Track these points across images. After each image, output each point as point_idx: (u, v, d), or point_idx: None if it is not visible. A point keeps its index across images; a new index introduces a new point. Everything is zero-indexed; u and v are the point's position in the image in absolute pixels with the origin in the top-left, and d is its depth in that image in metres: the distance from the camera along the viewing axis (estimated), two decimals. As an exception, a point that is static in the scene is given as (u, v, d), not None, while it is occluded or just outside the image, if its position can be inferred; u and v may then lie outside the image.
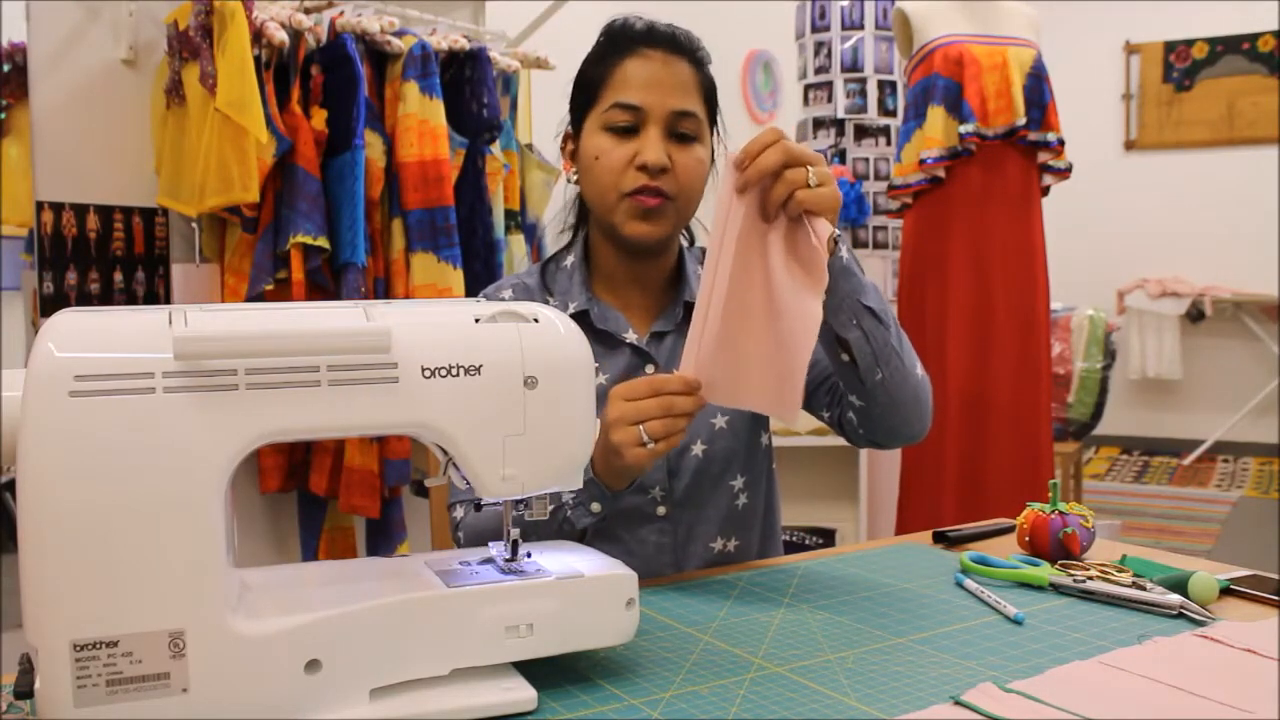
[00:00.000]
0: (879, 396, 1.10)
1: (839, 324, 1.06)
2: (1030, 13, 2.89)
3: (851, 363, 1.08)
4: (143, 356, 0.67)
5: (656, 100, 1.17)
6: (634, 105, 1.17)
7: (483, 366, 0.76)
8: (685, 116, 1.18)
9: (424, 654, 0.75)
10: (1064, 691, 0.77)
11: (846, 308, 1.05)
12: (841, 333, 1.06)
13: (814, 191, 0.97)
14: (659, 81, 1.17)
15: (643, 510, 1.22)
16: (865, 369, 1.08)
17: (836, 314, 1.05)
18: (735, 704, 0.77)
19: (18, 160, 2.09)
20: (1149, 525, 4.39)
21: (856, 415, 1.15)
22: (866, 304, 1.06)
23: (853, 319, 1.05)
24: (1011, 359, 2.75)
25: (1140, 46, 6.10)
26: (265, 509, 2.35)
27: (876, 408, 1.12)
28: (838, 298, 1.05)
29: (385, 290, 2.28)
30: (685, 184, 1.18)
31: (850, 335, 1.06)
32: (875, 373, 1.08)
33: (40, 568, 0.65)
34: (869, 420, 1.14)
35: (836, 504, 3.26)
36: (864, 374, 1.08)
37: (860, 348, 1.07)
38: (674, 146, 1.17)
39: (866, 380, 1.09)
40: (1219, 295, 5.71)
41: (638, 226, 1.18)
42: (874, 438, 1.17)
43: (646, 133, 1.17)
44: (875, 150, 3.53)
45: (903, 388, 1.10)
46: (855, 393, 1.12)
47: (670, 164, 1.16)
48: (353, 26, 2.21)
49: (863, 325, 1.06)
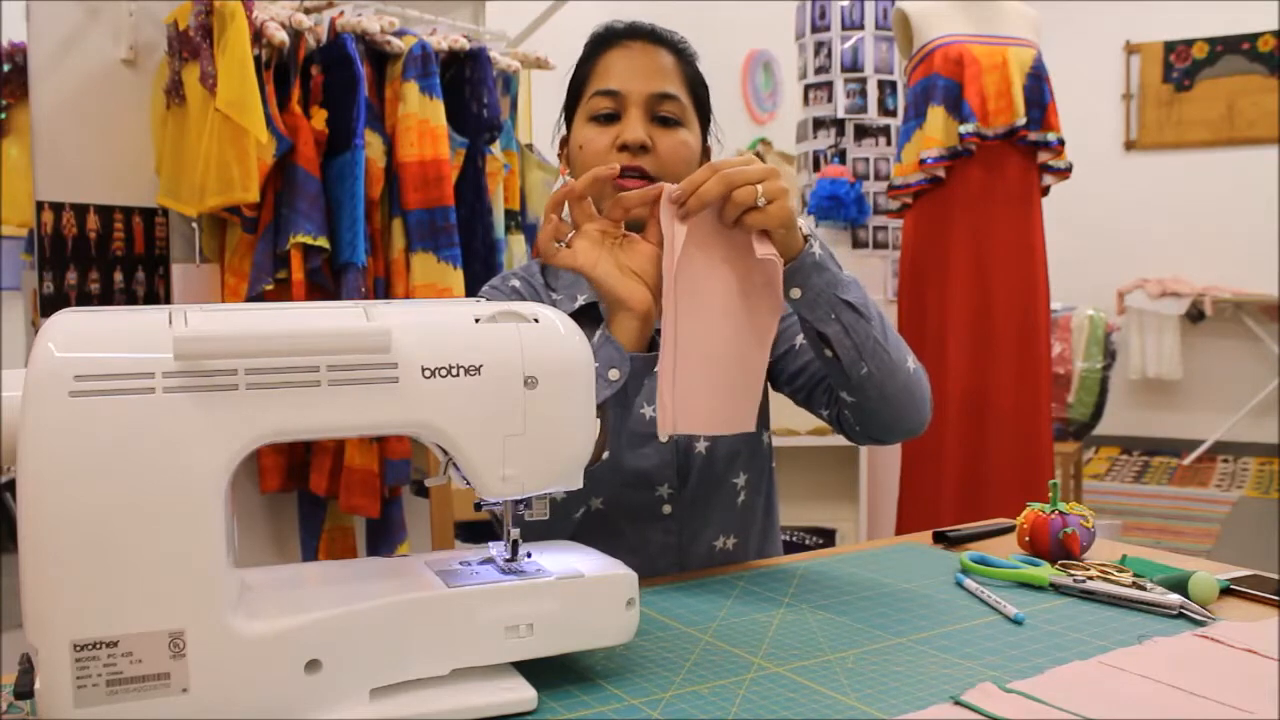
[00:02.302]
0: (868, 391, 1.09)
1: (816, 319, 1.05)
2: (1030, 13, 2.89)
3: (835, 358, 1.08)
4: (143, 356, 0.67)
5: (636, 85, 1.18)
6: (613, 90, 1.18)
7: (483, 366, 0.76)
8: (666, 99, 1.18)
9: (424, 654, 0.75)
10: (1064, 691, 0.77)
11: (823, 302, 1.04)
12: (820, 327, 1.06)
13: (763, 211, 0.97)
14: (638, 67, 1.19)
15: (649, 508, 1.22)
16: (849, 364, 1.07)
17: (813, 309, 1.05)
18: (735, 704, 0.77)
19: (18, 160, 2.09)
20: (1149, 525, 4.39)
21: (850, 412, 1.15)
22: (844, 298, 1.05)
23: (830, 313, 1.05)
24: (1011, 359, 2.75)
25: (1140, 46, 6.10)
26: (265, 509, 2.35)
27: (867, 403, 1.11)
28: (813, 292, 1.04)
29: (385, 290, 2.28)
30: (669, 164, 1.18)
31: (829, 330, 1.05)
32: (860, 367, 1.07)
33: (40, 568, 0.65)
34: (862, 416, 1.14)
35: (836, 504, 3.27)
36: (848, 369, 1.08)
37: (840, 342, 1.06)
38: (657, 129, 1.18)
39: (852, 375, 1.08)
40: (1219, 295, 5.71)
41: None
42: (871, 433, 1.16)
43: (628, 115, 1.18)
44: (875, 150, 3.53)
45: (891, 381, 1.09)
46: (843, 389, 1.11)
47: (652, 145, 1.17)
48: (353, 26, 2.21)
49: (841, 319, 1.05)
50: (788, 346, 1.24)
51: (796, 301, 1.04)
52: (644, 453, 1.21)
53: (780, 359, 1.25)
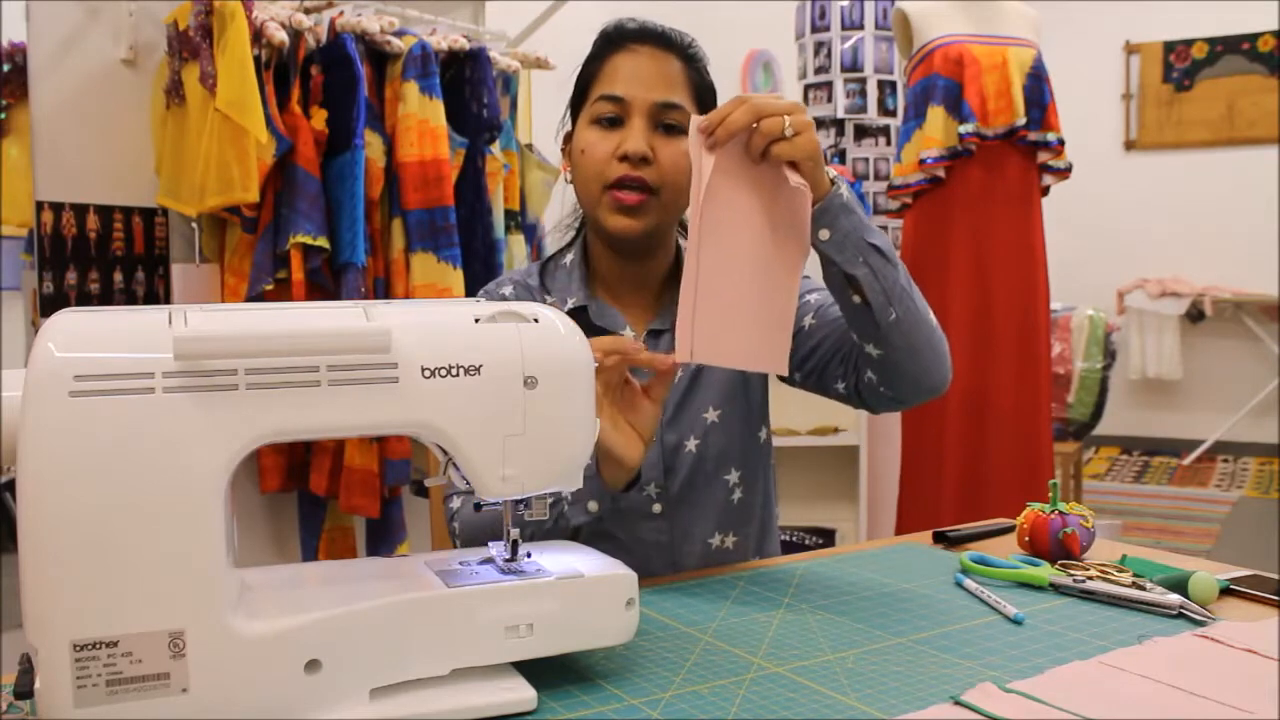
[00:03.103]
0: (895, 340, 1.08)
1: (845, 260, 1.04)
2: (1030, 13, 2.89)
3: (864, 304, 1.07)
4: (143, 356, 0.67)
5: (641, 92, 1.18)
6: (618, 96, 1.18)
7: (483, 366, 0.76)
8: (670, 108, 1.18)
9: (424, 654, 0.75)
10: (1064, 691, 0.77)
11: (851, 244, 1.04)
12: (848, 269, 1.04)
13: (790, 142, 0.98)
14: (645, 74, 1.18)
15: (638, 508, 1.22)
16: (878, 308, 1.06)
17: (841, 249, 1.04)
18: (735, 704, 0.77)
19: (18, 160, 2.09)
20: (1149, 525, 4.39)
21: (875, 371, 1.12)
22: (871, 241, 1.05)
23: (858, 255, 1.04)
24: (1011, 359, 2.75)
25: (1140, 46, 6.10)
26: (265, 509, 2.35)
27: (894, 353, 1.09)
28: (840, 233, 1.04)
29: (385, 290, 2.28)
30: (670, 175, 1.17)
31: (858, 271, 1.04)
32: (889, 312, 1.06)
33: (40, 568, 0.65)
34: (888, 371, 1.11)
35: (836, 504, 3.27)
36: (878, 314, 1.06)
37: (870, 284, 1.05)
38: (660, 139, 1.18)
39: (881, 321, 1.06)
40: (1219, 295, 5.71)
41: (618, 221, 1.18)
42: (896, 392, 1.13)
43: (630, 124, 1.17)
44: (875, 150, 3.53)
45: (919, 329, 1.08)
46: (871, 339, 1.09)
47: (653, 155, 1.17)
48: (353, 26, 2.21)
49: (870, 262, 1.05)
50: (795, 329, 1.22)
51: (825, 243, 1.04)
52: None
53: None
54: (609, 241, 1.22)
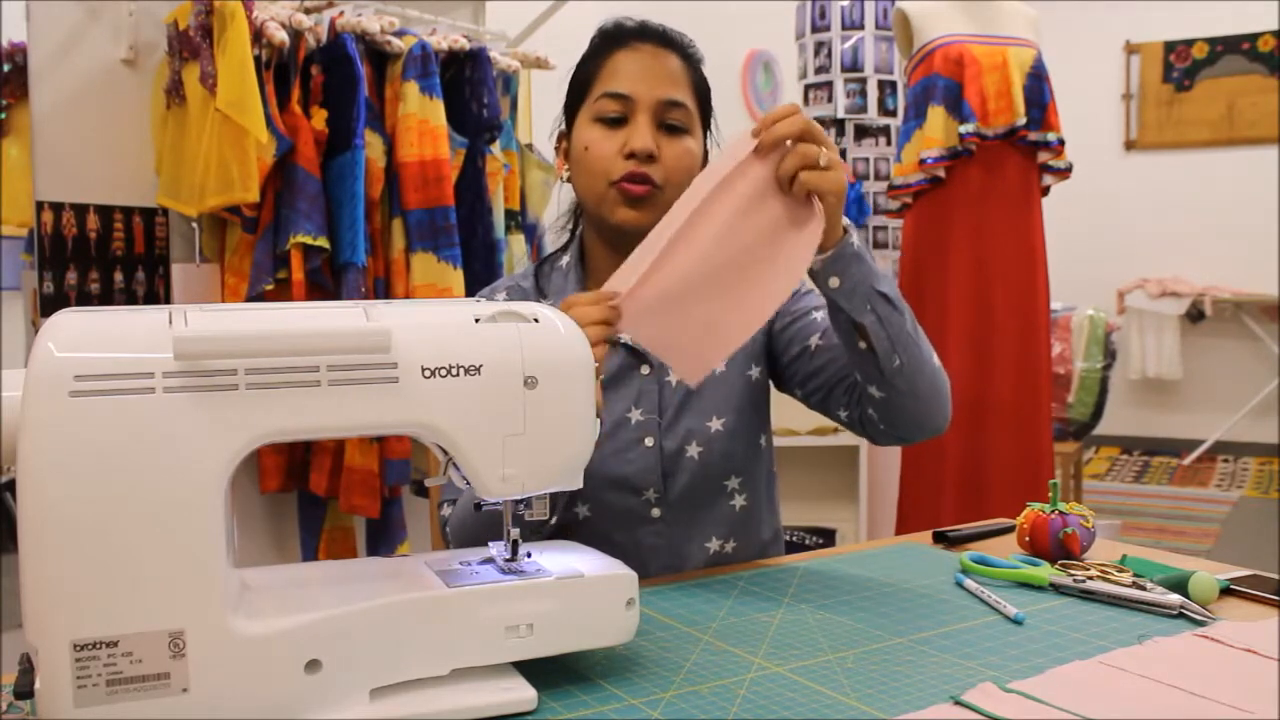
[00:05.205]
0: (899, 384, 1.09)
1: (853, 308, 1.06)
2: (1030, 13, 2.89)
3: (869, 350, 1.08)
4: (143, 356, 0.67)
5: (645, 89, 1.18)
6: (623, 94, 1.18)
7: (483, 366, 0.76)
8: (674, 106, 1.18)
9: (424, 654, 0.75)
10: (1064, 691, 0.77)
11: (860, 293, 1.05)
12: (857, 317, 1.06)
13: (822, 173, 0.99)
14: (648, 72, 1.19)
15: (637, 512, 1.22)
16: (883, 355, 1.07)
17: (850, 298, 1.06)
18: (735, 704, 0.77)
19: (18, 160, 2.09)
20: (1149, 525, 4.39)
21: (877, 410, 1.14)
22: (880, 290, 1.06)
23: (867, 304, 1.06)
24: (1011, 359, 2.75)
25: (1140, 46, 6.10)
26: (265, 509, 2.35)
27: (897, 397, 1.11)
28: (851, 282, 1.05)
29: (385, 290, 2.28)
30: (674, 173, 1.18)
31: (866, 320, 1.06)
32: (893, 359, 1.07)
33: (40, 568, 0.65)
34: (890, 413, 1.13)
35: (836, 504, 3.26)
36: (882, 360, 1.08)
37: (876, 332, 1.06)
38: (663, 137, 1.18)
39: (885, 368, 1.08)
40: (1219, 295, 5.71)
41: (626, 213, 1.18)
42: (898, 431, 1.15)
43: (635, 121, 1.18)
44: (875, 150, 3.53)
45: (920, 375, 1.10)
46: (874, 383, 1.11)
47: (658, 153, 1.17)
48: (353, 26, 2.21)
49: (877, 310, 1.06)
50: (801, 348, 1.23)
51: (835, 290, 1.05)
52: (628, 458, 1.21)
53: (794, 361, 1.24)
54: (613, 237, 1.22)
